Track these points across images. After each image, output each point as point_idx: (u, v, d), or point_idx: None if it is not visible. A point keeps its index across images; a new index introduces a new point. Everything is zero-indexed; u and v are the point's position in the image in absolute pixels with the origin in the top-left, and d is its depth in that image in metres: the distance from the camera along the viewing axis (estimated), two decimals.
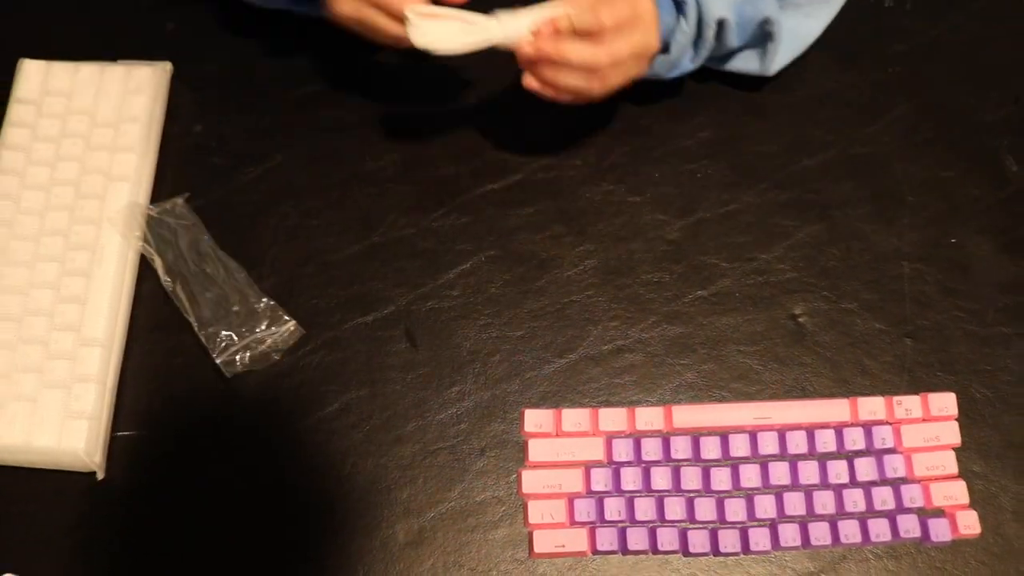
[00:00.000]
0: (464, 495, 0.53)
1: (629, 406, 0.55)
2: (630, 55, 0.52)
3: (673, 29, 0.55)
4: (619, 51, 0.52)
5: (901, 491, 0.53)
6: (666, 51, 0.56)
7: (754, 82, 0.63)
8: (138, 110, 0.60)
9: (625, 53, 0.52)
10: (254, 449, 0.54)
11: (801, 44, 0.61)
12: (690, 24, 0.55)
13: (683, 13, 0.55)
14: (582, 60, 0.51)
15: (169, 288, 0.57)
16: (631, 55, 0.52)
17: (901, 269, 0.59)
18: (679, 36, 0.55)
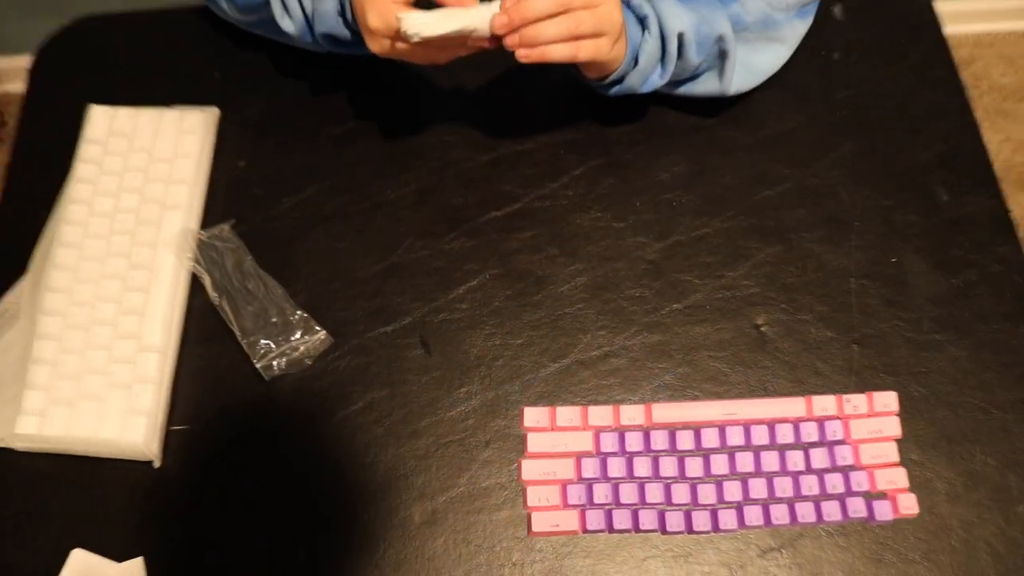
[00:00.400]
0: (471, 481, 0.53)
1: (615, 404, 0.55)
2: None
3: (639, 43, 0.54)
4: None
5: (850, 477, 0.53)
6: (636, 63, 0.55)
7: (722, 122, 0.64)
8: (190, 148, 0.61)
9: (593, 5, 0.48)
10: (289, 441, 0.55)
11: (753, 76, 0.60)
12: (653, 36, 0.54)
13: (646, 27, 0.54)
14: (550, 4, 0.47)
15: (216, 302, 0.58)
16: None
17: (849, 284, 0.59)
18: (646, 47, 0.54)
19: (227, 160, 0.64)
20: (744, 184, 0.63)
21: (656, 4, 0.54)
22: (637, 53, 0.55)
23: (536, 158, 0.64)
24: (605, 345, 0.58)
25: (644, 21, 0.54)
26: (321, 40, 0.58)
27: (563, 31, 0.48)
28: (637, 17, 0.54)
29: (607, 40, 0.50)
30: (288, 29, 0.58)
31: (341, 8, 0.56)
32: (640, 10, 0.54)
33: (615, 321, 0.58)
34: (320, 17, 0.56)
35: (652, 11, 0.54)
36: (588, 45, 0.49)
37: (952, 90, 0.66)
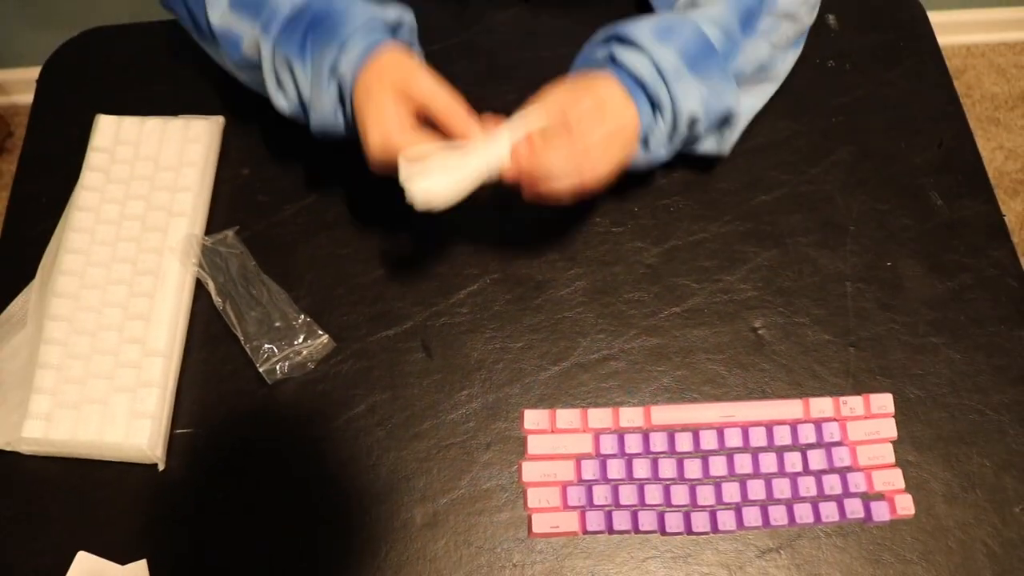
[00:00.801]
0: (472, 483, 0.53)
1: (614, 406, 0.55)
2: (605, 140, 0.49)
3: (651, 126, 0.52)
4: (592, 141, 0.48)
5: (847, 478, 0.53)
6: (645, 145, 0.53)
7: None
8: (195, 156, 0.61)
9: (598, 140, 0.48)
10: (292, 444, 0.55)
11: (745, 119, 0.59)
12: (666, 122, 0.52)
13: (660, 112, 0.52)
14: (562, 163, 0.47)
15: (220, 307, 0.57)
16: (606, 139, 0.49)
17: (845, 288, 0.59)
18: (656, 133, 0.53)
19: (232, 168, 0.64)
20: (741, 189, 0.63)
21: (670, 83, 0.51)
22: (647, 136, 0.53)
23: None
24: (604, 348, 0.58)
25: (658, 106, 0.52)
26: (314, 130, 0.55)
27: (573, 183, 0.49)
28: (650, 100, 0.52)
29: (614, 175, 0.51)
30: (281, 107, 0.55)
31: (340, 101, 0.52)
32: (656, 96, 0.52)
33: (614, 324, 0.58)
34: (316, 111, 0.53)
35: (667, 96, 0.52)
36: (594, 186, 0.50)
37: (946, 96, 0.66)
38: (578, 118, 0.48)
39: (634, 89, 0.51)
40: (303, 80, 0.53)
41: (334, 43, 0.51)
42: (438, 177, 0.47)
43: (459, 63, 0.66)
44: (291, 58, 0.52)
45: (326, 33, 0.51)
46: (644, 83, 0.51)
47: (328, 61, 0.51)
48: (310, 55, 0.52)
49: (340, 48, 0.51)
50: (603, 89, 0.50)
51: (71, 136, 0.64)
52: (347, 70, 0.51)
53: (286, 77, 0.53)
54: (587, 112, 0.49)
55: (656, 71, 0.51)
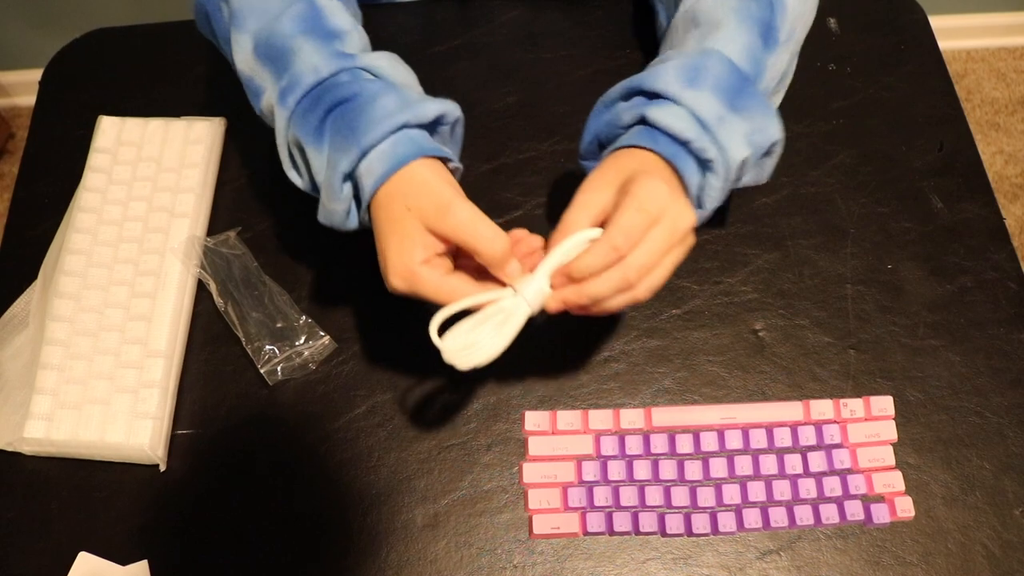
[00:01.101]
0: (473, 484, 0.53)
1: (615, 408, 0.55)
2: (659, 253, 0.42)
3: (702, 186, 0.47)
4: (648, 260, 0.42)
5: (847, 480, 0.53)
6: (699, 205, 0.48)
7: None
8: (197, 158, 0.61)
9: (656, 257, 0.42)
10: (293, 445, 0.54)
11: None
12: (719, 177, 0.46)
13: (711, 169, 0.46)
14: (613, 289, 0.42)
15: (221, 308, 0.57)
16: (660, 252, 0.42)
17: (845, 290, 0.59)
18: (710, 191, 0.47)
19: (233, 169, 0.64)
20: (741, 191, 0.62)
21: (715, 133, 0.45)
22: (700, 196, 0.47)
23: (538, 166, 0.64)
24: (605, 350, 0.57)
25: (707, 163, 0.46)
26: (323, 223, 0.49)
27: (625, 301, 0.43)
28: (699, 160, 0.46)
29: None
30: (295, 181, 0.49)
31: (356, 200, 0.47)
32: (704, 154, 0.45)
33: (615, 327, 0.58)
34: (325, 208, 0.47)
35: (715, 149, 0.45)
36: (648, 296, 0.44)
37: (946, 99, 0.66)
38: (626, 234, 0.41)
39: (677, 154, 0.45)
40: (317, 167, 0.46)
41: (354, 146, 0.44)
42: (480, 349, 0.42)
43: (460, 63, 0.66)
44: (305, 143, 0.46)
45: (348, 126, 0.44)
46: (688, 141, 0.45)
47: (344, 165, 0.44)
48: (328, 146, 0.45)
49: (360, 155, 0.44)
50: (646, 189, 0.42)
51: (73, 137, 0.64)
52: (367, 182, 0.44)
53: (299, 158, 0.48)
54: (634, 227, 0.41)
55: (698, 124, 0.45)
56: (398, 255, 0.43)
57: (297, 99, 0.46)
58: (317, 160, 0.46)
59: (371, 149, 0.44)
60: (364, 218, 0.47)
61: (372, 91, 0.45)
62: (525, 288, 0.42)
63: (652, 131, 0.46)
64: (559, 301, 0.43)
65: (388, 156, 0.44)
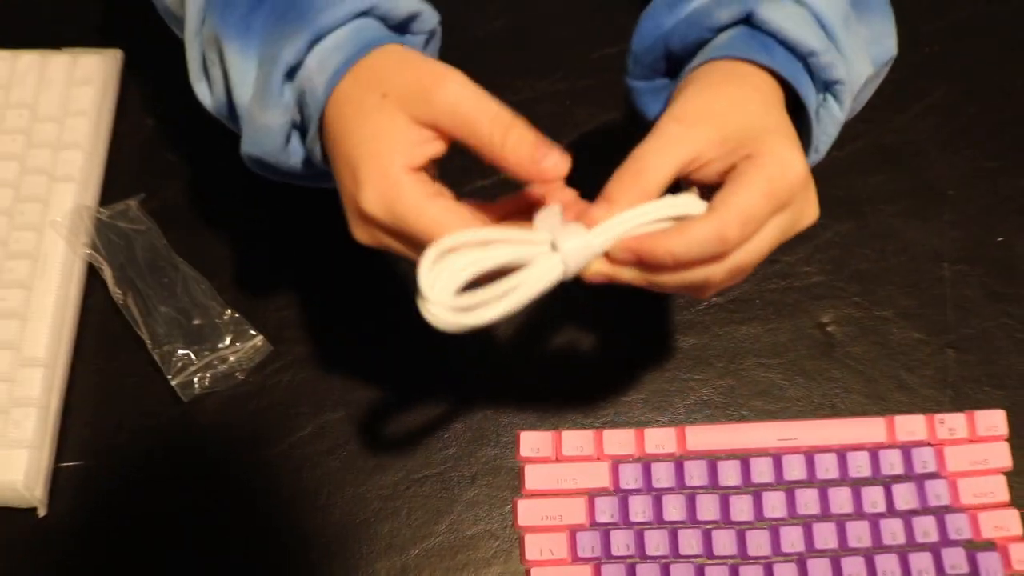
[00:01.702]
0: (453, 528, 0.53)
1: (637, 427, 0.55)
2: (768, 250, 0.40)
3: (821, 117, 0.45)
4: (756, 259, 0.40)
5: (945, 521, 0.53)
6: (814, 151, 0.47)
7: None
8: (85, 103, 0.60)
9: (759, 256, 0.40)
10: (216, 480, 0.54)
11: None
12: (842, 105, 0.44)
13: (836, 97, 0.44)
14: (697, 283, 0.39)
15: (120, 301, 0.57)
16: (770, 249, 0.40)
17: (942, 271, 0.59)
18: (828, 128, 0.45)
19: (134, 117, 0.63)
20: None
21: (842, 45, 0.43)
22: (816, 141, 0.45)
23: (535, 111, 0.61)
24: (624, 350, 0.58)
25: (833, 88, 0.44)
26: (248, 158, 0.45)
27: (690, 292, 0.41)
28: (825, 82, 0.44)
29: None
30: (203, 99, 0.46)
31: (298, 127, 0.43)
32: (829, 72, 0.43)
33: (637, 320, 0.58)
34: (253, 130, 0.43)
35: (843, 67, 0.43)
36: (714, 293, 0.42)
37: None
38: (743, 223, 0.38)
39: (798, 74, 0.42)
40: (238, 75, 0.43)
41: (302, 29, 0.40)
42: (478, 311, 0.36)
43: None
44: (224, 38, 0.42)
45: (293, 8, 0.41)
46: (811, 54, 0.42)
47: (287, 54, 0.41)
48: (259, 40, 0.42)
49: (311, 39, 0.40)
50: (780, 165, 0.39)
51: None
52: (319, 80, 0.40)
53: (214, 63, 0.44)
54: (757, 215, 0.38)
55: (822, 29, 0.43)
56: (373, 160, 0.38)
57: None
58: (240, 63, 0.42)
59: (327, 33, 0.41)
60: (313, 146, 0.43)
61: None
62: (567, 241, 0.38)
63: (762, 37, 0.43)
64: (608, 274, 0.39)
65: (350, 42, 0.41)
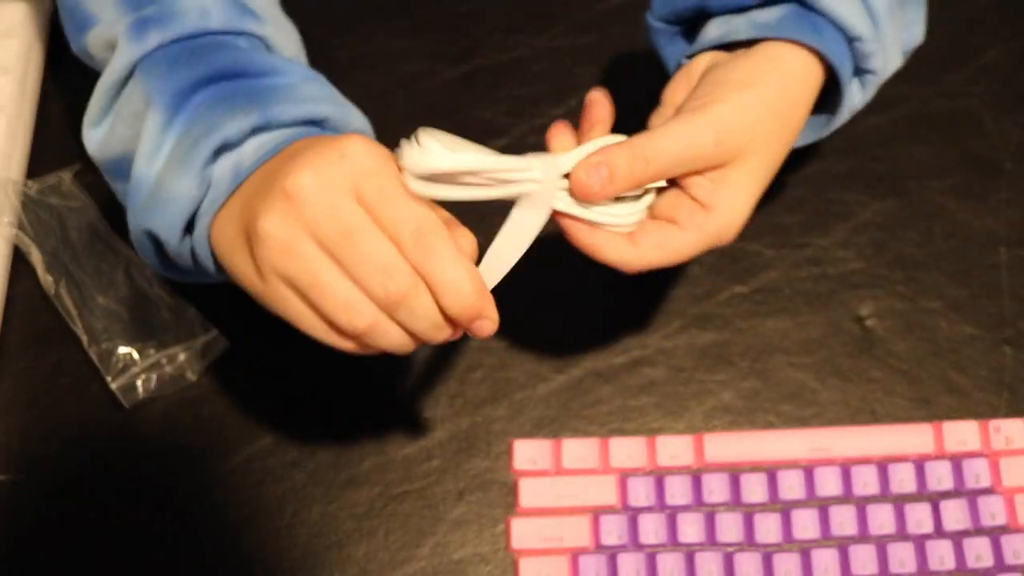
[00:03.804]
0: (437, 552, 0.53)
1: (648, 435, 0.55)
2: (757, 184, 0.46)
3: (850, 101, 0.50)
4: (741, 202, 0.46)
5: (1002, 543, 0.52)
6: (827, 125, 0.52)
7: None
8: (9, 59, 0.60)
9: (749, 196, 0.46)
10: (163, 497, 0.54)
11: None
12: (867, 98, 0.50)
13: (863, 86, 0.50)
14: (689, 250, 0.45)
15: (51, 291, 0.57)
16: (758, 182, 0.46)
17: (998, 256, 0.59)
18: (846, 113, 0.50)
19: (65, 77, 0.63)
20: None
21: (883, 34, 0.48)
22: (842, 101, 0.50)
23: (530, 71, 0.63)
24: (634, 347, 0.58)
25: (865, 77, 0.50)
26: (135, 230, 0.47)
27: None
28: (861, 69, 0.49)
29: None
30: (93, 145, 0.48)
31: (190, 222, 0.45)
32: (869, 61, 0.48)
33: (648, 312, 0.58)
34: (155, 201, 0.45)
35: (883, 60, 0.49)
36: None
37: None
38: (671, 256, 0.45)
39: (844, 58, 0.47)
40: (152, 145, 0.44)
41: (252, 112, 0.43)
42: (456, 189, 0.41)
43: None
44: (154, 98, 0.44)
45: (247, 96, 0.44)
46: (857, 39, 0.47)
47: (229, 130, 0.43)
48: (188, 116, 0.44)
49: (258, 123, 0.43)
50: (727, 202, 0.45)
51: None
52: (249, 159, 0.43)
53: (124, 112, 0.46)
54: (687, 249, 0.45)
55: (869, 16, 0.47)
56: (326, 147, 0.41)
57: (165, 40, 0.46)
58: (158, 133, 0.45)
59: (275, 127, 0.44)
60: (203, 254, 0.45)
61: (289, 70, 0.47)
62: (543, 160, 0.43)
63: (812, 17, 0.47)
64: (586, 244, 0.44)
65: (291, 140, 0.43)
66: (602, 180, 0.42)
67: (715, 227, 0.45)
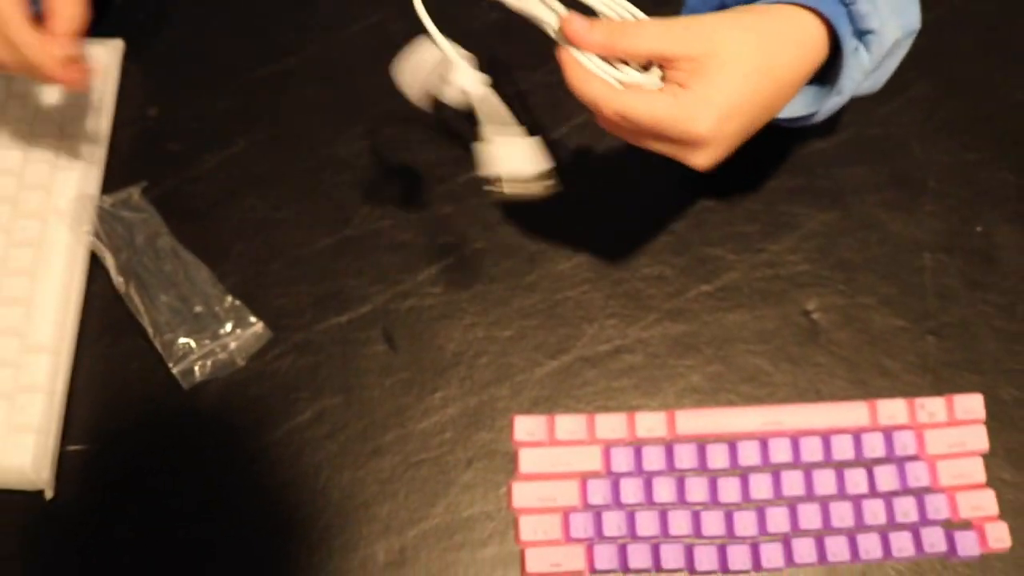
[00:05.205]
0: (449, 511, 0.53)
1: (629, 411, 0.55)
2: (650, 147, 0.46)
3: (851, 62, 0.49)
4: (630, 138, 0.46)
5: (925, 502, 0.53)
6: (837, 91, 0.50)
7: None
8: (91, 98, 0.60)
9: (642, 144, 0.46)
10: (218, 464, 0.54)
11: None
12: (872, 58, 0.49)
13: (865, 45, 0.49)
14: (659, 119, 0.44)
15: (122, 289, 0.57)
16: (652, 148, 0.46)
17: (923, 260, 0.59)
18: (854, 74, 0.49)
19: (135, 107, 0.63)
20: (790, 134, 0.59)
21: (879, 4, 0.48)
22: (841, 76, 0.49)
23: (529, 99, 0.62)
24: (616, 338, 0.57)
25: (865, 38, 0.49)
26: None
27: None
28: (857, 31, 0.48)
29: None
30: None
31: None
32: (865, 21, 0.48)
33: (628, 307, 0.58)
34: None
35: (879, 21, 0.48)
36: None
37: None
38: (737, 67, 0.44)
39: (839, 16, 0.47)
40: None
41: None
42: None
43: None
44: None
45: None
46: (853, 2, 0.47)
47: None
48: None
49: None
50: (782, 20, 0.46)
51: None
52: None
53: None
54: (653, 124, 0.44)
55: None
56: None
57: None
58: None
59: None
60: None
61: None
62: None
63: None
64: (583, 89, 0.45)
65: None
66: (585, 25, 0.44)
67: (687, 103, 0.44)
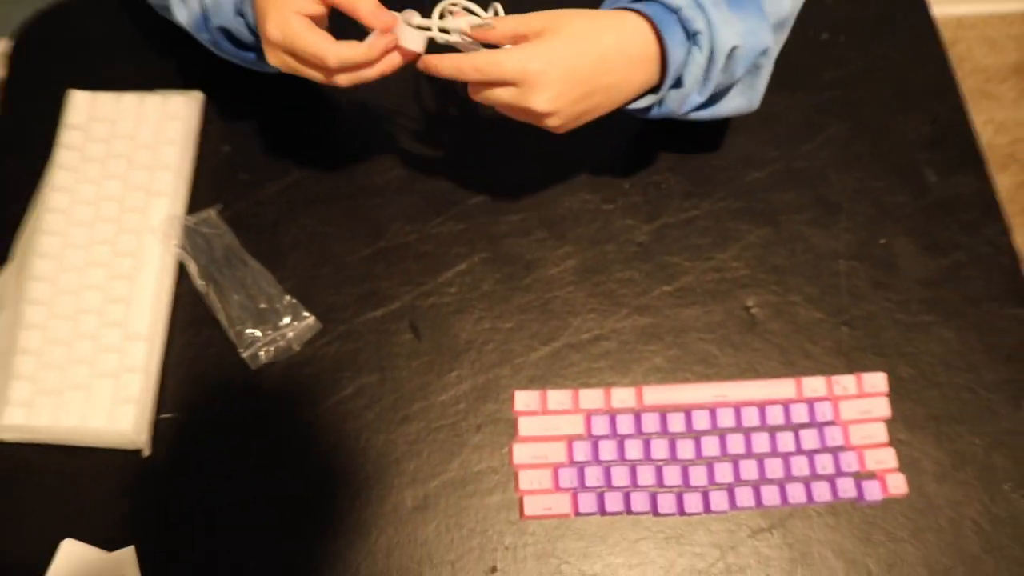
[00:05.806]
0: (463, 466, 0.54)
1: (605, 387, 0.55)
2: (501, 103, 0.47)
3: (685, 63, 0.49)
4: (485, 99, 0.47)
5: (839, 458, 0.53)
6: (679, 84, 0.50)
7: None
8: (173, 133, 0.60)
9: (496, 101, 0.47)
10: (278, 428, 0.54)
11: (769, 68, 0.54)
12: (704, 52, 0.49)
13: (697, 44, 0.48)
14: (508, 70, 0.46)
15: (202, 290, 0.57)
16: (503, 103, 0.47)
17: (838, 266, 0.59)
18: (692, 68, 0.49)
19: (212, 145, 0.63)
20: (733, 166, 0.62)
21: (707, 10, 0.48)
22: (681, 75, 0.50)
23: (521, 143, 0.62)
24: (595, 328, 0.58)
25: (695, 38, 0.49)
26: (218, 38, 0.54)
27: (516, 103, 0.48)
28: (687, 32, 0.48)
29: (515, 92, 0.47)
30: (180, 19, 0.54)
31: (240, 5, 0.51)
32: (692, 24, 0.48)
33: (605, 304, 0.58)
34: (216, 8, 0.52)
35: (704, 21, 0.48)
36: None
37: (940, 69, 0.66)
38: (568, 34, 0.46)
39: (665, 18, 0.48)
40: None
41: None
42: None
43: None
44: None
45: None
46: (678, 8, 0.48)
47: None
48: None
49: None
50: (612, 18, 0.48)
51: (44, 112, 0.62)
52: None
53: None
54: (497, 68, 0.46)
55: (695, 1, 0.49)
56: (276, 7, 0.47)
57: None
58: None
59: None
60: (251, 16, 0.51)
61: None
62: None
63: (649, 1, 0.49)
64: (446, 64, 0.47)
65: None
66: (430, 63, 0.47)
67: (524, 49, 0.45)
